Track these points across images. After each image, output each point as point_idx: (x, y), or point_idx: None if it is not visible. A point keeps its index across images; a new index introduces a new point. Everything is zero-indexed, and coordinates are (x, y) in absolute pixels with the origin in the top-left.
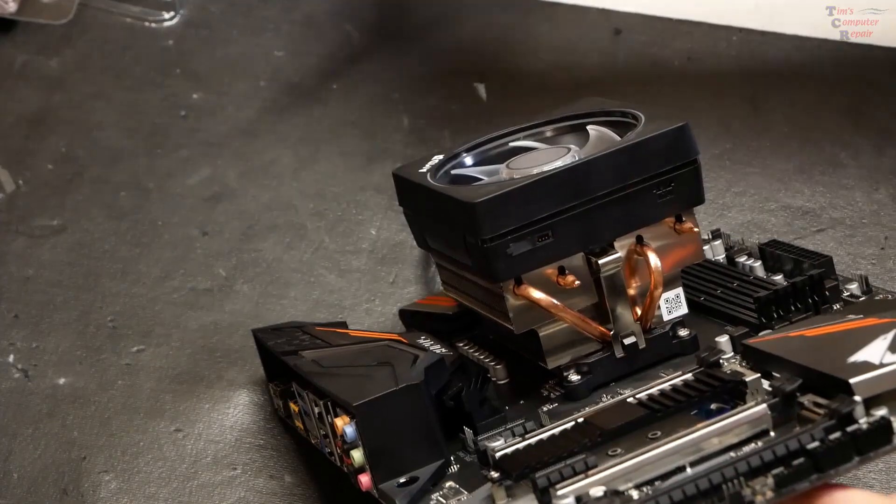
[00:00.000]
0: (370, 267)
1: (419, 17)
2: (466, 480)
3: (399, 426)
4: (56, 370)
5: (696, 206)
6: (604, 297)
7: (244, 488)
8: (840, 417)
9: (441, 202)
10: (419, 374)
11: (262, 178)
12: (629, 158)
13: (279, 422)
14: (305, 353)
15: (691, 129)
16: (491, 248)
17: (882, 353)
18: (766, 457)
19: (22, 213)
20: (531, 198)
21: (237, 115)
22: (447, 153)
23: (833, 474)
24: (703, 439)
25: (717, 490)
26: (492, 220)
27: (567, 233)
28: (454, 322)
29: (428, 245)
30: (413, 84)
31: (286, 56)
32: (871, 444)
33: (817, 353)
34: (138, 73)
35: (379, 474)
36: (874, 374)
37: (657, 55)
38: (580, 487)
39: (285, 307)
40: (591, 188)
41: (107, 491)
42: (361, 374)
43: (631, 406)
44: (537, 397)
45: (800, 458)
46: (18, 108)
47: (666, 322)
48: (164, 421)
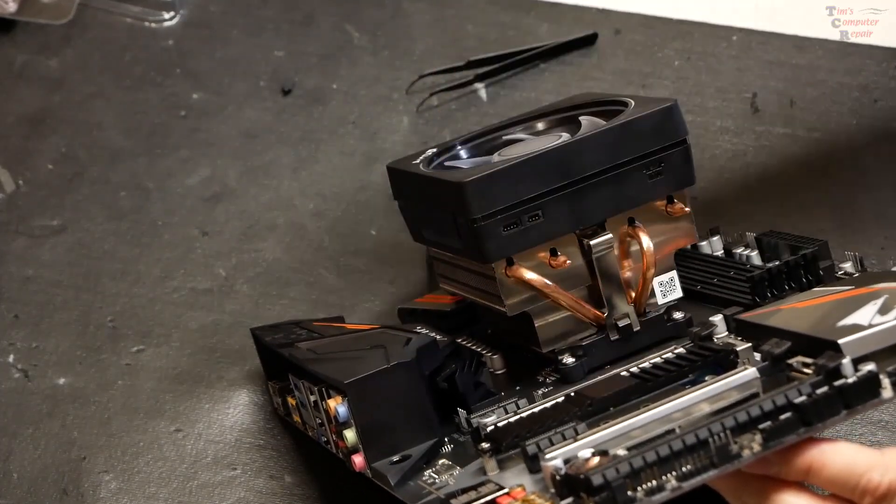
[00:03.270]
0: (370, 267)
1: (419, 16)
2: (460, 458)
3: (391, 404)
4: (56, 370)
5: (687, 188)
6: (597, 279)
7: (244, 488)
8: (827, 372)
9: (432, 186)
10: (411, 353)
11: (262, 178)
12: (617, 138)
13: (279, 421)
14: (301, 344)
15: (680, 109)
16: (481, 227)
17: (871, 316)
18: (753, 412)
19: (22, 213)
20: (520, 177)
21: (237, 115)
22: (441, 146)
23: (821, 427)
24: (693, 403)
25: (703, 445)
26: (481, 200)
27: (557, 213)
28: (452, 318)
29: (423, 237)
30: (412, 84)
31: (286, 56)
32: (859, 397)
33: (807, 320)
34: (138, 73)
35: (372, 453)
36: (862, 334)
37: (657, 55)
38: (568, 451)
39: (285, 307)
40: (580, 168)
41: (107, 491)
42: (354, 357)
43: (622, 377)
44: (533, 383)
45: (787, 412)
46: (18, 108)
47: (661, 305)
48: (164, 421)
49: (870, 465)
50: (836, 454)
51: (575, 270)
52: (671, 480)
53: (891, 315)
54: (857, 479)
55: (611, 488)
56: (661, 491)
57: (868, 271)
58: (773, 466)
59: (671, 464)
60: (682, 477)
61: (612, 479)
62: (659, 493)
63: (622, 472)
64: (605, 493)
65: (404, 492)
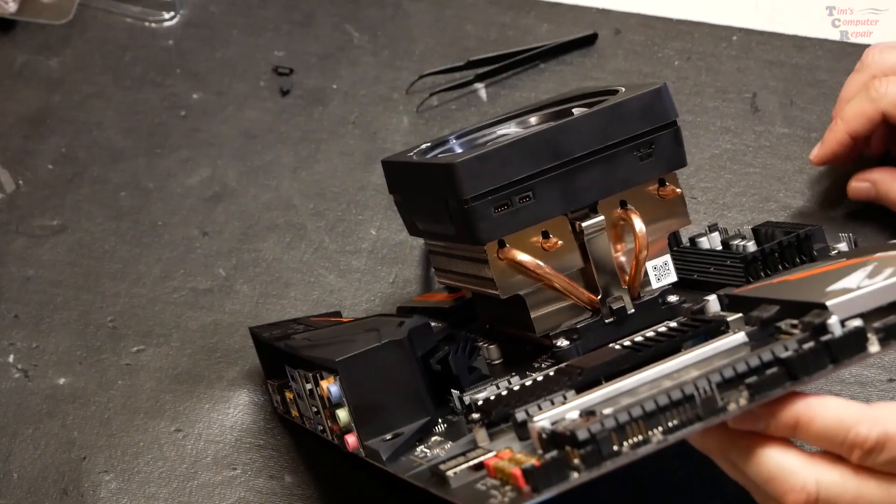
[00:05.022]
0: (370, 267)
1: (419, 16)
2: (453, 436)
3: (383, 382)
4: (56, 370)
5: (678, 170)
6: (590, 262)
7: (244, 488)
8: (814, 328)
9: (423, 172)
10: (403, 332)
11: (262, 178)
12: (607, 120)
13: (279, 421)
14: (297, 336)
15: (669, 91)
16: (472, 208)
17: (860, 280)
18: (739, 368)
19: (22, 213)
20: (510, 159)
21: (237, 115)
22: (435, 141)
23: (807, 381)
24: (681, 368)
25: (689, 399)
26: (471, 180)
27: (548, 194)
28: (451, 315)
29: (418, 229)
30: (412, 84)
31: (286, 56)
32: (846, 351)
33: (798, 289)
34: (138, 73)
35: (364, 432)
36: (850, 295)
37: (657, 55)
38: (556, 413)
39: (285, 307)
40: (570, 149)
41: (107, 491)
42: (347, 340)
43: (613, 349)
44: (529, 369)
45: (773, 368)
46: (18, 108)
47: (655, 289)
48: (164, 421)
49: (858, 419)
50: (824, 408)
51: (567, 254)
52: (657, 435)
53: (879, 277)
54: (845, 433)
55: (596, 441)
56: (646, 444)
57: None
58: (760, 422)
59: (657, 418)
60: (667, 430)
61: (597, 432)
62: (644, 446)
63: (608, 426)
64: (591, 447)
65: (396, 466)
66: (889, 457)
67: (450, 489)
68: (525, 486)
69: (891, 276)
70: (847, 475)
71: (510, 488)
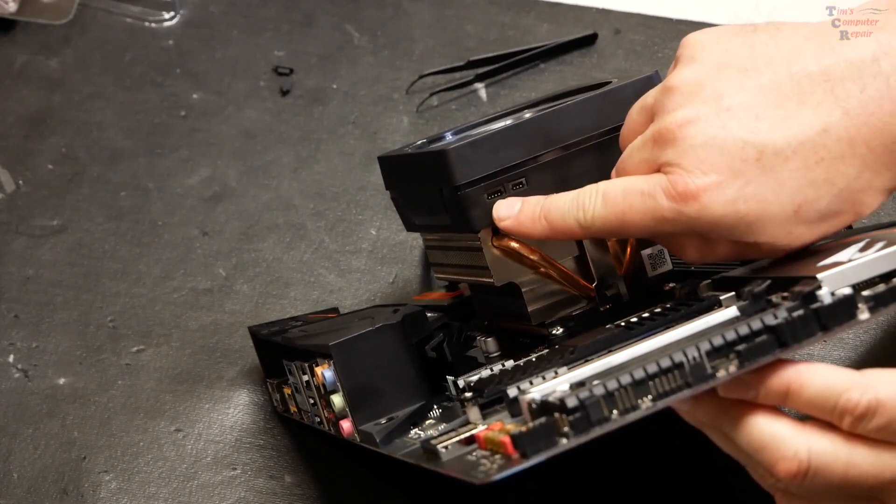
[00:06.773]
0: (370, 267)
1: (419, 16)
2: (447, 419)
3: (376, 367)
4: (56, 370)
5: None
6: (584, 250)
7: (244, 488)
8: (803, 297)
9: (417, 162)
10: (397, 318)
11: (262, 178)
12: (599, 106)
13: (279, 421)
14: (293, 330)
15: (660, 79)
16: (465, 194)
17: (852, 254)
18: (728, 336)
19: (22, 213)
20: (502, 145)
21: (237, 115)
22: (430, 137)
23: (797, 348)
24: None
25: (678, 367)
26: (464, 166)
27: (540, 180)
28: (450, 312)
29: (415, 224)
30: (412, 84)
31: (286, 56)
32: (835, 319)
33: (790, 266)
34: (138, 73)
35: (359, 416)
36: (841, 268)
37: (657, 55)
38: (546, 386)
39: (285, 307)
40: (563, 136)
41: (107, 491)
42: (342, 327)
43: (606, 329)
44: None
45: (763, 335)
46: (18, 108)
47: (650, 278)
48: (164, 421)
49: (849, 385)
50: (814, 374)
51: (562, 241)
52: (646, 402)
53: (871, 251)
54: (835, 399)
55: (585, 408)
56: (635, 410)
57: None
58: (750, 390)
59: (646, 386)
60: (657, 397)
61: (585, 398)
62: (633, 412)
63: (597, 393)
64: (580, 413)
65: (390, 448)
66: (880, 423)
67: (441, 462)
68: (514, 453)
69: (882, 249)
70: (838, 442)
71: (500, 456)
